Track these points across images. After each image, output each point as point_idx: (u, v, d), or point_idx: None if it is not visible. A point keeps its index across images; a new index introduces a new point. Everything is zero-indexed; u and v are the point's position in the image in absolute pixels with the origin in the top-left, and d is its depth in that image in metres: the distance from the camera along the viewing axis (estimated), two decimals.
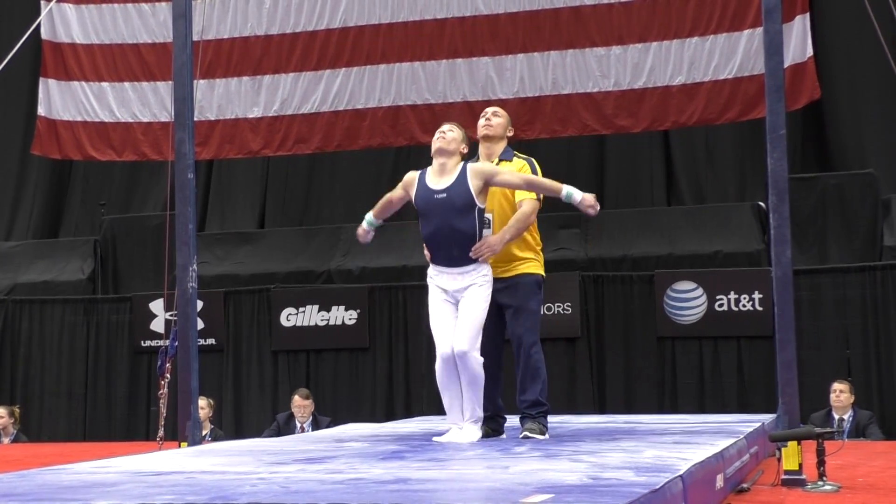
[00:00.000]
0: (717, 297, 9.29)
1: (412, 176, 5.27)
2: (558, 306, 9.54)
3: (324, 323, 10.25)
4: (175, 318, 6.02)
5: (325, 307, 10.27)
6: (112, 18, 10.59)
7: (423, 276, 9.89)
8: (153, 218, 10.86)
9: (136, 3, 10.56)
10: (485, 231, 5.09)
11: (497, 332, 5.28)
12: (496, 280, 5.17)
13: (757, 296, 9.11)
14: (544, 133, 9.65)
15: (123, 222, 11.37)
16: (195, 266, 5.83)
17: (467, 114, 8.87)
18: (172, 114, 6.15)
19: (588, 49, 9.59)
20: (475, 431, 5.03)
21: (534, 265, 5.35)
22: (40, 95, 10.58)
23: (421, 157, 10.88)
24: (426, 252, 5.24)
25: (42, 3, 10.42)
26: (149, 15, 10.54)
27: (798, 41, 8.96)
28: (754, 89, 8.81)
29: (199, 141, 9.93)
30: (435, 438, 5.07)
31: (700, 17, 9.26)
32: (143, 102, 10.48)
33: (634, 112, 9.43)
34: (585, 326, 9.56)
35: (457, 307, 5.09)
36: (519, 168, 5.39)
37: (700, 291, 9.35)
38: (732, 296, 9.27)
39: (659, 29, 9.35)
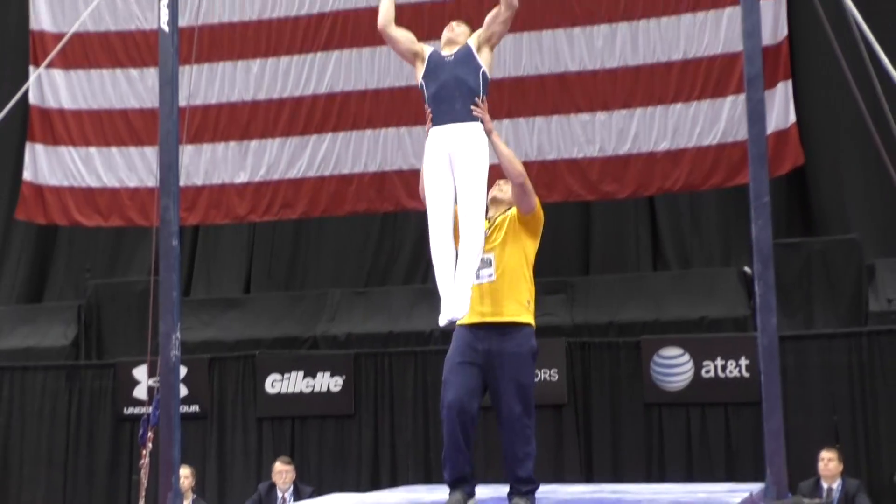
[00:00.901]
0: (704, 363, 9.26)
1: (427, 46, 5.38)
2: (545, 373, 9.48)
3: (309, 389, 10.16)
4: (158, 386, 5.96)
5: (311, 373, 10.18)
6: (100, 83, 10.66)
7: (410, 342, 9.98)
8: (138, 283, 10.81)
9: (124, 69, 10.64)
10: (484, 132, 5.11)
11: (478, 386, 5.18)
12: (483, 325, 5.12)
13: (744, 362, 9.08)
14: None
15: (108, 287, 11.30)
16: (178, 334, 5.77)
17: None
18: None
19: (573, 115, 9.68)
20: (465, 300, 4.92)
21: (528, 315, 5.30)
22: (27, 160, 10.61)
23: (408, 223, 10.94)
24: (427, 122, 5.18)
25: (31, 67, 10.48)
26: (137, 80, 10.62)
27: (781, 108, 9.07)
28: (738, 155, 8.89)
29: (185, 206, 9.95)
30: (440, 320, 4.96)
31: (683, 84, 9.36)
32: (130, 167, 10.51)
33: (620, 178, 9.50)
34: (572, 393, 9.50)
35: (451, 169, 5.06)
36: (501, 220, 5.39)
37: (687, 357, 9.32)
38: (719, 362, 9.23)
39: (643, 95, 9.45)
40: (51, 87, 10.73)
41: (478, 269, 5.08)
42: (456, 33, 5.31)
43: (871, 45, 5.50)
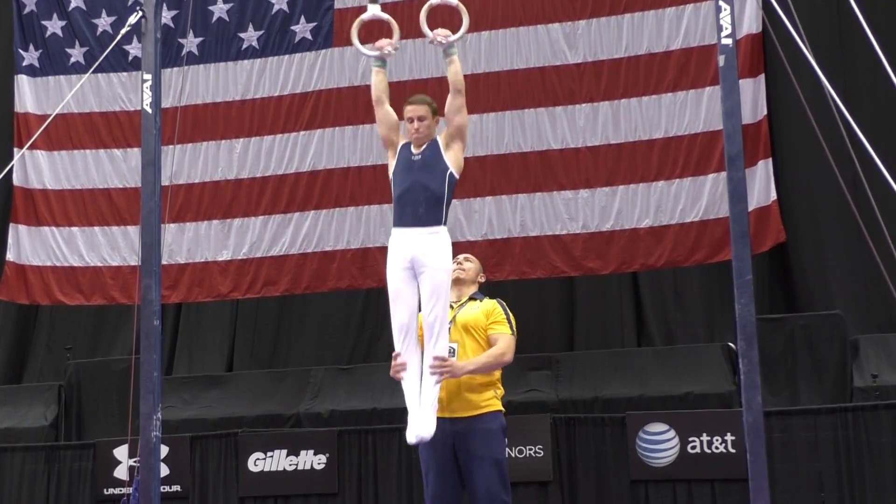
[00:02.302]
0: (690, 439, 9.20)
1: (398, 141, 5.50)
2: (530, 449, 9.41)
3: (292, 468, 10.04)
4: (138, 466, 5.90)
5: (294, 451, 10.06)
6: (83, 164, 10.71)
7: (394, 419, 9.92)
8: (119, 362, 10.73)
9: (107, 149, 10.69)
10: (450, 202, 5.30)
11: (457, 479, 5.17)
12: (452, 420, 5.12)
13: (730, 437, 9.03)
14: (513, 275, 9.70)
15: (89, 367, 11.21)
16: (159, 414, 5.73)
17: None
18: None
19: (556, 192, 9.74)
20: (431, 419, 5.06)
21: (495, 402, 5.30)
22: (10, 241, 10.62)
23: None
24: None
25: (14, 149, 10.52)
26: (120, 160, 10.66)
27: (762, 185, 9.14)
28: (721, 232, 8.94)
29: (168, 284, 9.93)
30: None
31: (665, 161, 9.46)
32: (112, 246, 10.51)
33: (603, 254, 9.53)
34: (558, 469, 9.42)
35: (413, 275, 5.14)
36: (491, 309, 5.43)
37: (672, 433, 9.26)
38: (705, 437, 9.18)
39: (625, 173, 9.54)
40: (34, 168, 10.77)
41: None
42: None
43: (849, 123, 5.57)
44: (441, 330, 5.16)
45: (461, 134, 5.33)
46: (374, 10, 5.67)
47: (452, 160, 5.29)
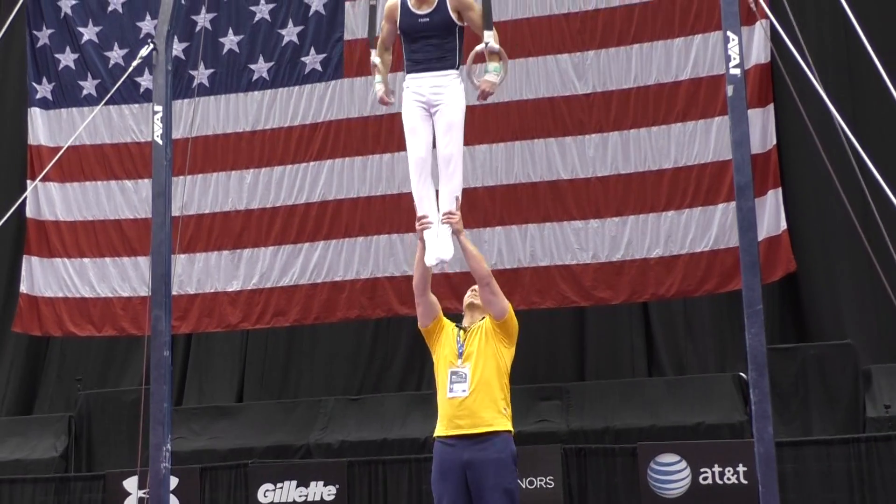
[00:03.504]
0: (702, 470, 9.14)
1: (393, 3, 5.53)
2: (540, 480, 9.36)
3: (302, 499, 9.99)
4: (148, 498, 5.88)
5: (304, 482, 10.02)
6: (95, 195, 10.77)
7: (404, 450, 9.88)
8: (130, 392, 10.72)
9: (118, 180, 10.75)
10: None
11: (467, 501, 5.15)
12: (461, 437, 5.12)
13: (741, 468, 8.97)
14: (523, 305, 9.68)
15: (99, 397, 11.21)
16: (169, 445, 5.73)
17: (445, 286, 8.91)
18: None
19: (566, 222, 9.74)
20: (448, 243, 5.30)
21: (505, 422, 5.29)
22: (23, 273, 10.68)
23: (401, 329, 10.91)
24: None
25: (28, 181, 10.58)
26: (131, 191, 10.72)
27: (772, 215, 9.14)
28: (731, 261, 8.93)
29: (178, 315, 9.93)
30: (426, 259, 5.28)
31: (675, 191, 9.47)
32: (123, 277, 10.54)
33: (613, 284, 9.53)
34: (568, 501, 9.36)
35: (429, 113, 5.35)
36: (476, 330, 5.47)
37: (684, 464, 9.20)
38: (717, 469, 9.11)
39: (635, 203, 9.55)
40: (47, 199, 10.84)
41: (452, 382, 5.15)
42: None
43: (858, 152, 5.57)
44: (455, 165, 5.37)
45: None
46: (371, 56, 5.75)
47: (457, 17, 5.41)
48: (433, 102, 5.38)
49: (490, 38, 5.40)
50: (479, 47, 5.43)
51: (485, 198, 9.83)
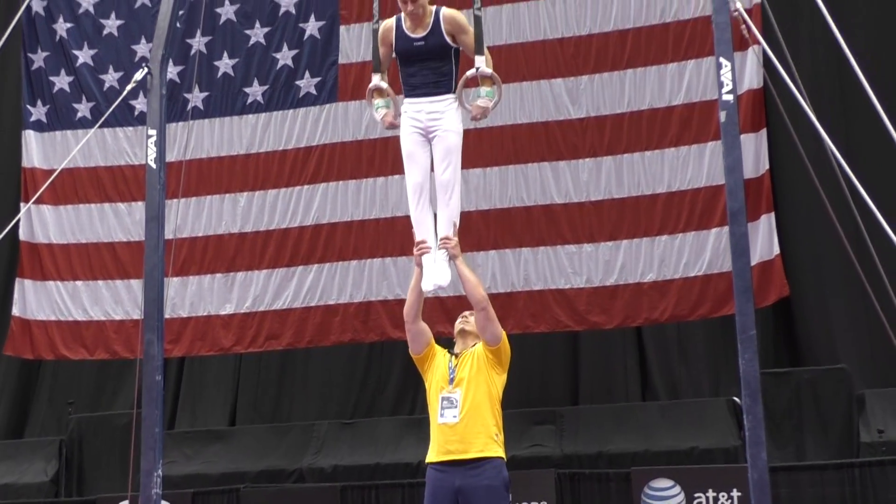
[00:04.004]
0: (696, 495, 9.11)
1: (388, 25, 5.51)
2: None
3: None
4: None
5: None
6: (88, 218, 10.76)
7: (398, 475, 9.83)
8: (121, 416, 10.67)
9: (112, 203, 10.75)
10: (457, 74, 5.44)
11: None
12: (453, 462, 5.10)
13: (735, 493, 8.94)
14: (517, 329, 9.67)
15: (91, 421, 11.16)
16: (160, 471, 5.70)
17: (438, 309, 8.91)
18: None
19: (560, 246, 9.74)
20: (445, 269, 5.29)
21: (497, 448, 5.28)
22: (15, 296, 10.67)
23: (394, 353, 10.89)
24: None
25: (21, 204, 10.58)
26: (124, 214, 10.72)
27: (765, 239, 9.16)
28: (724, 286, 8.93)
29: (170, 338, 9.92)
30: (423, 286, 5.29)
31: (668, 216, 9.48)
32: (115, 300, 10.53)
33: (607, 309, 9.53)
34: None
35: (427, 139, 5.34)
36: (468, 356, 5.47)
37: (678, 489, 9.18)
38: (711, 493, 9.09)
39: (629, 227, 9.56)
40: (40, 222, 10.83)
41: (443, 408, 5.15)
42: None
43: (850, 177, 5.58)
44: (453, 191, 5.37)
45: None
46: (376, 80, 5.74)
47: (452, 40, 5.41)
48: (431, 128, 5.38)
49: (482, 63, 5.41)
50: (470, 72, 5.44)
51: (479, 221, 9.84)
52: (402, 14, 5.47)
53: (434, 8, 5.47)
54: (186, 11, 10.27)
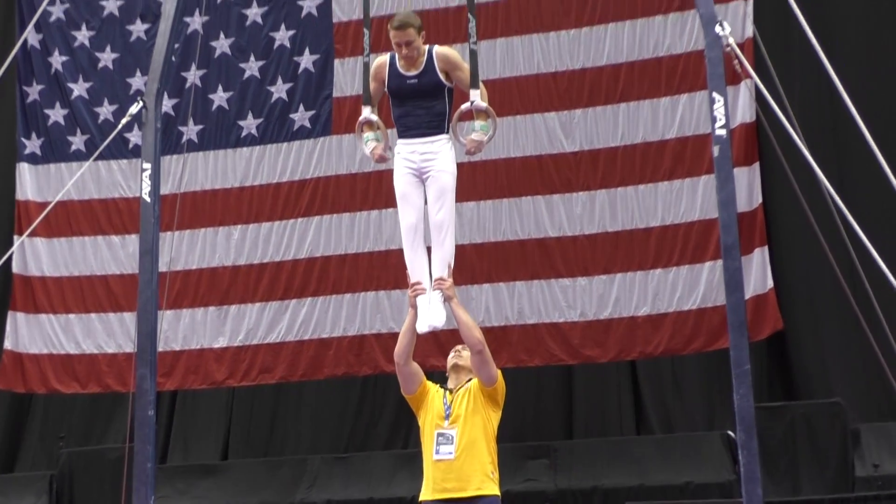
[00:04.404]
0: None
1: (381, 61, 5.50)
2: None
3: None
4: None
5: None
6: (82, 250, 10.75)
7: None
8: (113, 450, 10.60)
9: (105, 236, 10.74)
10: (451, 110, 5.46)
11: None
12: (451, 501, 5.09)
13: None
14: (511, 363, 9.66)
15: (82, 456, 11.08)
16: None
17: (432, 343, 8.87)
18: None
19: (554, 280, 9.74)
20: (440, 310, 5.26)
21: (493, 486, 5.26)
22: (8, 329, 10.62)
23: (388, 387, 10.84)
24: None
25: (14, 236, 10.56)
26: (118, 247, 10.70)
27: (758, 273, 9.17)
28: (718, 320, 8.93)
29: (163, 372, 9.89)
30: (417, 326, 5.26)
31: (662, 250, 9.50)
32: (108, 333, 10.51)
33: (601, 342, 9.53)
34: None
35: (420, 180, 5.31)
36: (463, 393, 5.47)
37: None
38: None
39: (623, 261, 9.57)
40: (33, 255, 10.81)
41: (439, 444, 5.13)
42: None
43: (843, 211, 5.60)
44: (447, 232, 5.35)
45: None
46: (366, 113, 5.75)
47: (446, 78, 5.42)
48: (424, 169, 5.37)
49: (476, 97, 5.42)
50: (465, 106, 5.45)
51: (472, 255, 9.84)
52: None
53: (427, 47, 5.49)
54: (182, 45, 10.31)
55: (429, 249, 5.57)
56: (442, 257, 5.37)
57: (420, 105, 5.38)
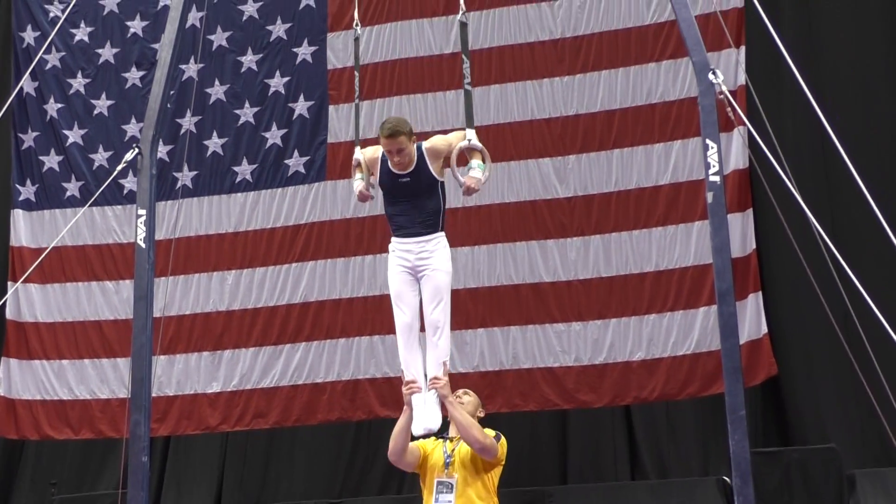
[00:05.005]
0: None
1: (373, 155, 5.50)
2: None
3: None
4: None
5: None
6: (75, 296, 10.75)
7: None
8: (105, 497, 10.53)
9: (99, 281, 10.74)
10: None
11: None
12: None
13: None
14: (505, 407, 9.66)
15: (75, 502, 11.00)
16: None
17: None
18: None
19: (548, 325, 9.75)
20: (436, 412, 5.21)
21: None
22: (1, 375, 10.56)
23: (382, 432, 10.79)
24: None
25: (8, 282, 10.56)
26: (112, 292, 10.70)
27: (752, 319, 9.18)
28: (713, 365, 8.93)
29: (156, 417, 9.85)
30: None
31: (657, 295, 9.51)
32: (101, 379, 10.49)
33: (596, 387, 9.52)
34: None
35: (415, 278, 5.27)
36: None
37: None
38: None
39: (617, 306, 9.59)
40: (27, 301, 10.81)
41: (438, 493, 5.13)
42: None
43: (836, 256, 5.63)
44: (443, 332, 5.29)
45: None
46: (357, 154, 5.79)
47: (438, 171, 5.41)
48: (419, 267, 5.35)
49: (472, 136, 5.45)
50: (462, 144, 5.48)
51: (467, 300, 9.85)
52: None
53: (416, 145, 5.50)
54: (177, 92, 10.38)
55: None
56: (437, 356, 5.33)
57: (414, 203, 5.36)
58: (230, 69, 10.79)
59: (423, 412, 5.26)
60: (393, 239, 5.49)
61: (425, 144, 5.47)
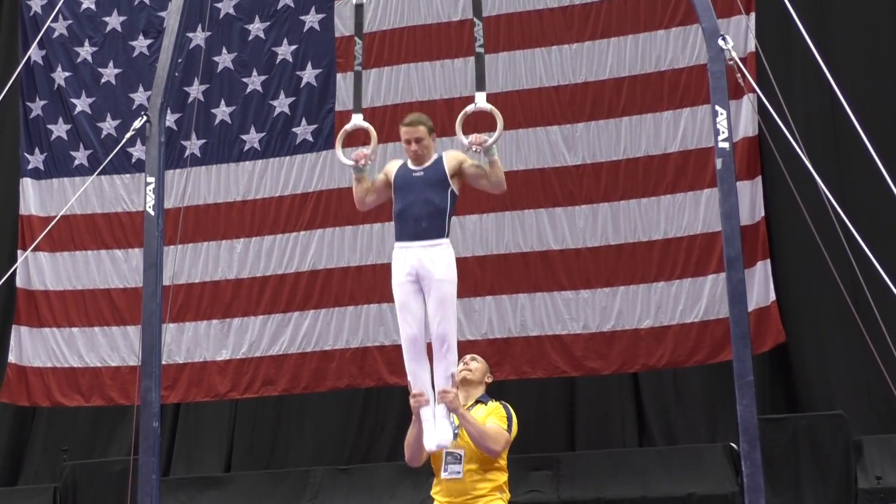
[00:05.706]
0: None
1: (393, 164, 5.51)
2: None
3: None
4: None
5: None
6: (85, 264, 10.79)
7: None
8: (117, 463, 10.60)
9: (108, 250, 10.78)
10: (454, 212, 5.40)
11: None
12: None
13: None
14: (513, 374, 9.69)
15: (86, 468, 11.08)
16: None
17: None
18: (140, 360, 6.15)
19: (556, 292, 9.76)
20: (447, 426, 5.17)
21: (500, 502, 5.29)
22: (12, 343, 10.65)
23: (391, 399, 10.87)
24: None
25: (18, 251, 10.60)
26: (121, 261, 10.74)
27: (761, 286, 9.18)
28: (721, 332, 8.95)
29: (166, 384, 9.90)
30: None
31: (665, 262, 9.51)
32: (112, 347, 10.53)
33: (604, 354, 9.54)
34: None
35: (420, 287, 5.20)
36: (494, 410, 5.47)
37: None
38: None
39: (625, 273, 9.59)
40: (37, 269, 10.85)
41: (447, 463, 5.16)
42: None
43: (846, 223, 5.63)
44: (449, 343, 5.24)
45: (461, 170, 5.42)
46: (356, 121, 5.78)
47: (455, 181, 5.38)
48: (423, 276, 5.24)
49: (481, 99, 5.46)
50: (469, 107, 5.48)
51: (475, 267, 9.86)
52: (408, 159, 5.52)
53: (438, 153, 5.50)
54: (184, 60, 10.36)
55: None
56: (445, 368, 5.26)
57: (422, 196, 5.29)
58: (237, 37, 10.76)
59: (434, 427, 5.21)
60: (396, 245, 5.40)
61: (446, 152, 5.49)
